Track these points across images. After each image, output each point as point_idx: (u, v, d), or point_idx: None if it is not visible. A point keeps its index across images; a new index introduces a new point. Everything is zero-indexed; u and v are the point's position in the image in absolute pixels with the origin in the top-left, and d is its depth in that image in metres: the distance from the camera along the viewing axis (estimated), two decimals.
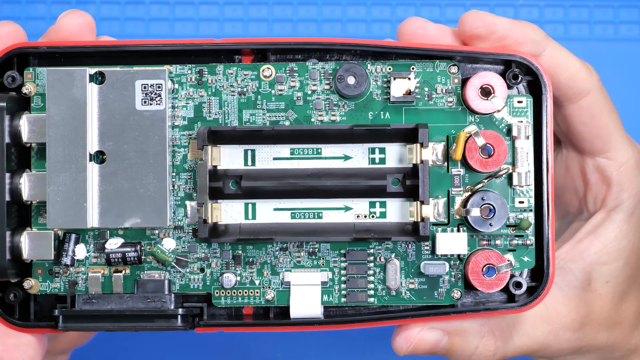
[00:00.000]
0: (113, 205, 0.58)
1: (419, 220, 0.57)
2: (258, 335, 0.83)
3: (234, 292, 0.60)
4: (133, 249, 0.59)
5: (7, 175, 0.58)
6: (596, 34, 0.83)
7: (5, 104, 0.58)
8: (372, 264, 0.60)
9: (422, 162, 0.57)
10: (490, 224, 0.58)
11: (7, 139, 0.58)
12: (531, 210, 0.59)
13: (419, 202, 0.57)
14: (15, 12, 0.84)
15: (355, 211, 0.60)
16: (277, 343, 0.85)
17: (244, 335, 0.84)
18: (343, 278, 0.59)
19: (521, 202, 0.59)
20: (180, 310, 0.58)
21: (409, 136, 0.59)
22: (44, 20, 0.84)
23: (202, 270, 0.60)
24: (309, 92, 0.60)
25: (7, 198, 0.58)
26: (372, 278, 0.59)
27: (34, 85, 0.60)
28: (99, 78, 0.59)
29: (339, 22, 0.83)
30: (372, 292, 0.59)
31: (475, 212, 0.58)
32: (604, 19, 0.82)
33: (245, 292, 0.60)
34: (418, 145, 0.58)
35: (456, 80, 0.59)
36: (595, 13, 0.83)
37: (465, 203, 0.59)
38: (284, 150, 0.60)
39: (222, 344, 0.84)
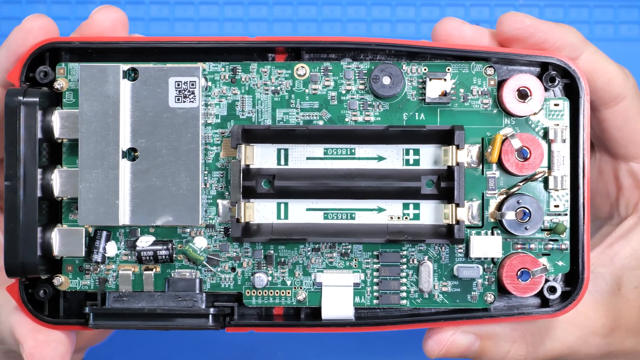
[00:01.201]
0: (144, 203, 0.58)
1: (454, 222, 0.57)
2: (259, 334, 0.83)
3: (265, 292, 0.59)
4: (164, 247, 0.59)
5: (39, 171, 0.58)
6: (596, 34, 0.82)
7: (38, 99, 0.57)
8: (404, 266, 0.59)
9: (457, 164, 0.57)
10: (526, 228, 0.58)
11: (39, 135, 0.58)
12: (566, 214, 0.59)
13: (453, 205, 0.57)
14: (15, 12, 0.84)
15: (388, 212, 0.59)
16: (278, 343, 0.84)
17: (244, 335, 0.83)
18: (375, 280, 0.59)
19: (556, 206, 0.59)
20: (211, 310, 0.58)
21: (444, 138, 0.58)
22: None
23: (233, 269, 0.59)
24: (343, 92, 0.59)
25: (39, 194, 0.58)
26: (404, 280, 0.59)
27: (66, 81, 0.59)
28: (131, 74, 0.58)
29: (339, 22, 0.83)
30: (404, 294, 0.59)
31: (510, 215, 0.57)
32: (604, 19, 0.82)
33: (277, 293, 0.59)
34: (454, 147, 0.57)
35: (492, 82, 0.59)
36: (595, 13, 0.82)
37: (500, 206, 0.58)
38: (317, 150, 0.59)
39: (224, 343, 0.84)
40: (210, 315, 0.58)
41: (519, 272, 0.58)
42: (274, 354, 0.84)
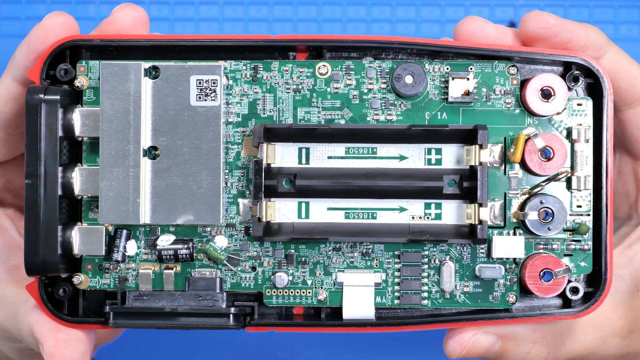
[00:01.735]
0: (165, 202, 0.58)
1: (477, 222, 0.57)
2: (260, 334, 0.83)
3: (286, 292, 0.59)
4: (185, 246, 0.59)
5: (60, 169, 0.58)
6: None
7: (59, 97, 0.57)
8: (426, 266, 0.59)
9: (480, 164, 0.57)
10: (549, 228, 0.57)
11: (59, 133, 0.57)
12: (588, 215, 0.58)
13: (476, 205, 0.57)
14: (15, 12, 0.83)
15: (410, 212, 0.59)
16: (278, 342, 0.84)
17: (244, 334, 0.83)
18: (396, 280, 0.59)
19: (579, 206, 0.58)
20: (232, 309, 0.58)
21: (466, 137, 0.58)
22: None
23: (253, 268, 0.59)
24: (365, 91, 0.59)
25: (59, 192, 0.57)
26: (425, 280, 0.59)
27: (87, 79, 0.59)
28: (152, 72, 0.58)
29: (339, 22, 0.82)
30: (425, 294, 0.59)
31: (533, 215, 0.57)
32: (604, 19, 0.82)
33: (297, 292, 0.59)
34: (477, 146, 0.57)
35: (515, 82, 0.59)
36: (595, 13, 0.82)
37: (522, 206, 0.58)
38: (338, 149, 0.59)
39: (224, 342, 0.84)
40: (231, 315, 0.58)
41: (541, 273, 0.57)
42: (274, 354, 0.84)
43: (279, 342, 0.84)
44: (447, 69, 0.59)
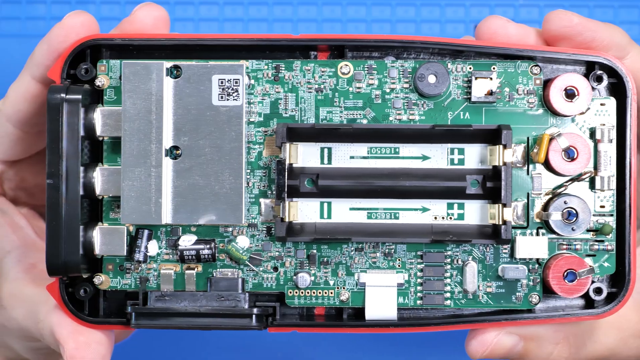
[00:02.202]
0: (187, 202, 0.57)
1: (500, 223, 0.56)
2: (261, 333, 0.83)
3: (308, 292, 0.59)
4: (207, 247, 0.58)
5: (81, 169, 0.57)
6: None
7: (80, 97, 0.57)
8: (448, 266, 0.59)
9: (504, 164, 0.56)
10: (573, 229, 0.57)
11: (81, 132, 0.57)
12: (612, 215, 0.58)
13: (500, 205, 0.56)
14: (15, 12, 0.83)
15: (432, 212, 0.58)
16: (277, 343, 0.84)
17: (245, 333, 0.83)
18: (419, 280, 0.59)
19: (602, 207, 0.58)
20: (255, 310, 0.57)
21: (489, 137, 0.58)
22: (44, 20, 0.83)
23: (275, 269, 0.59)
24: (388, 90, 0.59)
25: (81, 192, 0.57)
26: (448, 280, 0.59)
27: (107, 78, 0.59)
28: (174, 72, 0.58)
29: (339, 22, 0.82)
30: (448, 294, 0.59)
31: (557, 215, 0.57)
32: (604, 19, 0.82)
33: (319, 293, 0.59)
34: (500, 147, 0.56)
35: (538, 81, 0.58)
36: (595, 13, 0.82)
37: (545, 206, 0.58)
38: (361, 149, 0.59)
39: (222, 341, 0.84)
40: (254, 316, 0.57)
41: (565, 273, 0.57)
42: (274, 354, 0.84)
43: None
44: (470, 68, 0.58)
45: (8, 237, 0.65)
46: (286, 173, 0.57)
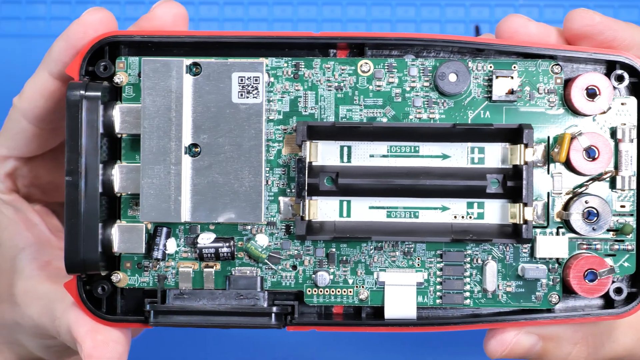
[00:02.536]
0: (206, 200, 0.57)
1: (521, 222, 0.56)
2: (263, 332, 0.82)
3: (327, 291, 0.59)
4: (226, 245, 0.58)
5: (100, 166, 0.57)
6: None
7: (100, 94, 0.57)
8: (468, 265, 0.58)
9: (526, 163, 0.56)
10: (593, 228, 0.57)
11: (100, 129, 0.57)
12: (632, 215, 0.58)
13: (521, 204, 0.56)
14: (15, 12, 0.83)
15: (452, 211, 0.58)
16: (276, 342, 0.84)
17: (245, 332, 0.82)
18: (439, 279, 0.58)
19: (622, 207, 0.58)
20: (274, 309, 0.57)
21: (510, 136, 0.57)
22: (44, 20, 0.83)
23: (294, 267, 0.59)
24: (408, 89, 0.58)
25: (100, 189, 0.57)
26: (467, 280, 0.58)
27: (126, 75, 0.59)
28: (193, 69, 0.57)
29: (338, 22, 0.82)
30: (467, 294, 0.58)
31: (578, 215, 0.57)
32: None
33: (338, 291, 0.59)
34: (522, 146, 0.56)
35: (559, 80, 0.58)
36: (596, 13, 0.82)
37: (566, 206, 0.58)
38: (380, 147, 0.58)
39: (222, 340, 0.84)
40: (273, 314, 0.57)
41: (585, 273, 0.57)
42: (273, 354, 0.83)
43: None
44: (491, 67, 0.58)
45: (22, 234, 0.65)
46: (306, 171, 0.57)
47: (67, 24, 0.82)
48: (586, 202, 0.57)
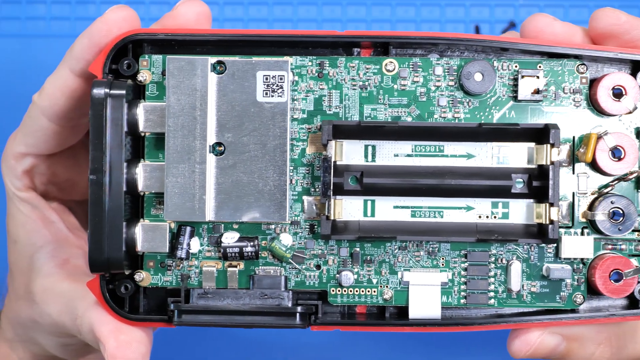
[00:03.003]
0: (230, 199, 0.57)
1: (547, 222, 0.56)
2: (261, 331, 0.82)
3: (351, 291, 0.58)
4: (251, 244, 0.58)
5: (124, 165, 0.57)
6: None
7: (124, 92, 0.56)
8: (492, 265, 0.58)
9: (552, 163, 0.56)
10: (619, 229, 0.57)
11: (124, 128, 0.57)
12: None
13: (547, 204, 0.56)
14: (15, 12, 0.83)
15: (477, 211, 0.58)
16: (278, 341, 0.84)
17: (245, 332, 0.82)
18: (463, 279, 0.58)
19: None
20: (299, 308, 0.57)
21: (535, 136, 0.57)
22: (44, 20, 0.83)
23: (318, 267, 0.58)
24: (432, 88, 0.58)
25: (124, 188, 0.57)
26: (492, 280, 0.58)
27: (149, 73, 0.58)
28: (217, 68, 0.57)
29: (338, 22, 0.82)
30: (491, 294, 0.58)
31: (604, 215, 0.57)
32: None
33: (362, 291, 0.58)
34: (548, 146, 0.56)
35: (584, 80, 0.58)
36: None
37: (591, 206, 0.58)
38: (405, 146, 0.58)
39: (221, 339, 0.83)
40: (298, 314, 0.57)
41: (610, 273, 0.57)
42: (274, 355, 0.83)
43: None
44: (516, 66, 0.58)
45: (39, 232, 0.65)
46: (332, 171, 0.56)
47: (66, 24, 0.83)
48: (612, 202, 0.57)
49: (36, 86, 0.63)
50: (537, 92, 0.58)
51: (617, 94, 0.57)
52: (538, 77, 0.58)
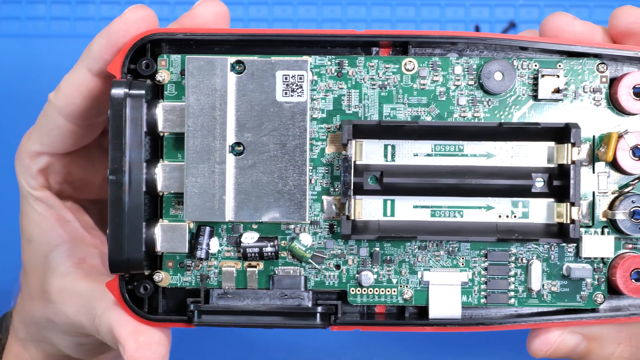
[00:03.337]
0: (250, 199, 0.57)
1: (568, 222, 0.56)
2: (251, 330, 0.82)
3: (371, 291, 0.58)
4: (271, 244, 0.58)
5: (144, 165, 0.57)
6: None
7: (144, 92, 0.56)
8: (512, 265, 0.58)
9: (573, 162, 0.56)
10: None
11: (144, 128, 0.56)
12: None
13: (567, 204, 0.56)
14: (15, 12, 0.83)
15: (497, 210, 0.58)
16: (278, 341, 0.84)
17: (232, 330, 0.82)
18: (483, 279, 0.58)
19: None
20: (319, 309, 0.57)
21: (556, 135, 0.57)
22: (44, 20, 0.83)
23: (337, 267, 0.58)
24: (452, 87, 0.58)
25: (143, 188, 0.56)
26: (512, 279, 0.58)
27: (168, 73, 0.58)
28: (236, 67, 0.57)
29: (338, 22, 0.82)
30: (512, 293, 0.58)
31: (625, 215, 0.57)
32: (604, 19, 0.82)
33: (382, 291, 0.58)
34: (569, 145, 0.56)
35: (604, 79, 0.58)
36: (595, 13, 0.82)
37: (611, 205, 0.57)
38: (424, 146, 0.58)
39: (221, 339, 0.83)
40: (318, 314, 0.57)
41: (631, 273, 0.57)
42: (274, 355, 0.83)
43: (279, 339, 0.83)
44: (536, 66, 0.58)
45: (55, 231, 0.65)
46: (352, 170, 0.56)
47: (66, 24, 0.83)
48: (633, 201, 0.57)
49: (37, 86, 0.63)
50: (558, 91, 0.57)
51: (638, 93, 0.57)
52: (558, 76, 0.57)
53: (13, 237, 0.70)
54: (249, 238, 0.58)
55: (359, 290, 0.58)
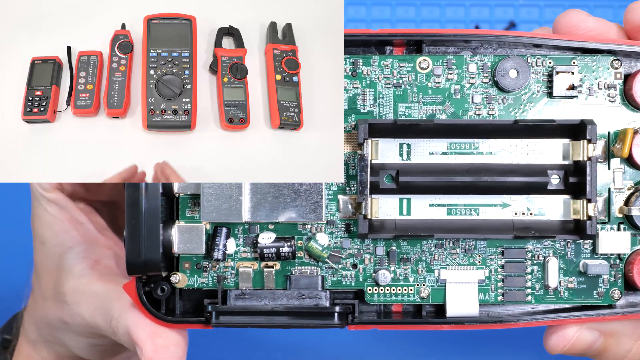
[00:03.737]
0: (266, 199, 0.57)
1: (585, 218, 0.56)
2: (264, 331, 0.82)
3: (387, 289, 0.58)
4: (288, 244, 0.58)
5: None
6: None
7: None
8: (529, 262, 0.58)
9: (589, 159, 0.56)
10: None
11: None
12: None
13: (584, 200, 0.56)
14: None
15: (513, 208, 0.58)
16: (292, 341, 0.84)
17: (246, 331, 0.82)
18: (500, 276, 0.58)
19: None
20: (337, 308, 0.57)
21: (571, 132, 0.57)
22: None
23: (354, 266, 0.58)
24: (467, 85, 0.58)
25: (160, 190, 0.57)
26: (529, 276, 0.58)
27: None
28: None
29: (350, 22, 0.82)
30: (528, 290, 0.58)
31: None
32: (604, 19, 0.82)
33: (399, 290, 0.58)
34: (584, 141, 0.56)
35: (618, 75, 0.58)
36: (595, 13, 0.82)
37: (627, 201, 0.57)
38: (440, 144, 0.58)
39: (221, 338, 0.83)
40: (336, 314, 0.57)
41: None
42: (273, 355, 0.83)
43: (280, 337, 0.83)
44: (550, 62, 0.58)
45: (69, 233, 0.65)
46: (368, 170, 0.56)
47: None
48: None
49: None
50: (572, 87, 0.57)
51: None
52: (573, 72, 0.57)
53: (20, 240, 0.70)
54: (266, 238, 0.58)
55: (376, 290, 0.58)
